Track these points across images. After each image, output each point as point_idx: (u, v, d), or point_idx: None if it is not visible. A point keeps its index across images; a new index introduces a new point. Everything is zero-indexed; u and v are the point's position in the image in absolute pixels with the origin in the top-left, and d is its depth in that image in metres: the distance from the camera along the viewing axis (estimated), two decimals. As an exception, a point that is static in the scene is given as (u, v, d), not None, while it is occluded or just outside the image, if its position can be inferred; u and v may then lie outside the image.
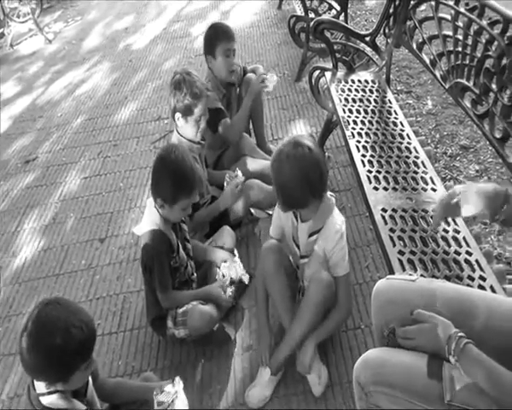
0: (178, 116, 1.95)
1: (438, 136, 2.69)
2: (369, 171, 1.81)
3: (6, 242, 2.61)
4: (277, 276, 1.57)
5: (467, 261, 1.41)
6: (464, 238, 1.48)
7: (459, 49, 1.76)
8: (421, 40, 2.12)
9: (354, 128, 2.07)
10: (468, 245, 1.46)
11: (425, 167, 1.80)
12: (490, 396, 0.87)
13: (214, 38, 2.26)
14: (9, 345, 2.03)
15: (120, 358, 1.85)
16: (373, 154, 1.91)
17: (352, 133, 2.04)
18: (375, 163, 1.85)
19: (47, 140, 3.54)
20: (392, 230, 1.53)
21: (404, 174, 1.78)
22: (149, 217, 1.70)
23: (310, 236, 1.53)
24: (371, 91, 2.35)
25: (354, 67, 2.63)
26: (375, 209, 1.62)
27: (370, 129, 2.06)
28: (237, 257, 1.90)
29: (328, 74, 2.52)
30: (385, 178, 1.77)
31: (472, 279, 1.35)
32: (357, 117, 2.15)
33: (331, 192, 1.59)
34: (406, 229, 1.54)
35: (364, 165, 1.85)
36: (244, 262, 2.11)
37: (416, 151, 1.90)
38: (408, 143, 1.95)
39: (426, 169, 1.79)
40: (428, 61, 2.04)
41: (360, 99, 2.29)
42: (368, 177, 1.78)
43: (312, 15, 3.47)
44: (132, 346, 1.89)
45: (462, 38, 1.72)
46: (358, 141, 1.99)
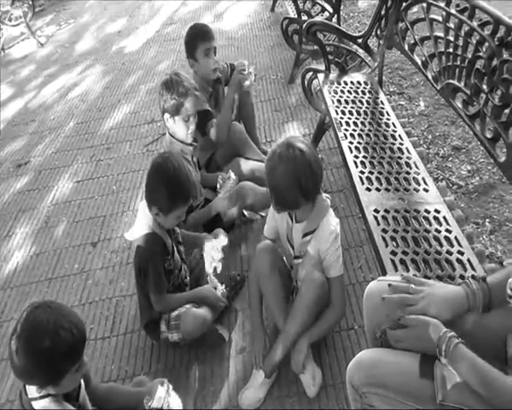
0: (167, 117, 1.95)
1: (430, 137, 2.70)
2: (362, 172, 1.82)
3: (-3, 246, 2.59)
4: (271, 276, 1.57)
5: (459, 261, 1.41)
6: (456, 238, 1.49)
7: (450, 50, 1.77)
8: (412, 41, 2.13)
9: (347, 129, 2.08)
10: (460, 245, 1.47)
11: (417, 168, 1.81)
12: (481, 396, 0.87)
13: (192, 41, 2.27)
14: (1, 350, 2.01)
15: (113, 362, 1.84)
16: (365, 155, 1.91)
17: (345, 134, 2.04)
18: (368, 164, 1.86)
19: (39, 144, 3.52)
20: (384, 230, 1.54)
21: (397, 175, 1.78)
22: (143, 220, 1.69)
23: (304, 236, 1.53)
24: (364, 93, 2.36)
25: (347, 69, 2.64)
26: (368, 210, 1.62)
27: (363, 130, 2.07)
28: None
29: (320, 76, 2.53)
30: (377, 179, 1.77)
31: (464, 279, 1.35)
32: (349, 118, 2.16)
33: (327, 194, 1.59)
34: (398, 229, 1.54)
35: (357, 166, 1.85)
36: (237, 264, 2.12)
37: (409, 152, 1.90)
38: (400, 144, 1.95)
39: (418, 170, 1.80)
40: (420, 63, 2.05)
41: (353, 100, 2.29)
42: (360, 178, 1.78)
43: (305, 17, 3.48)
44: (125, 350, 1.88)
45: (453, 40, 1.73)
46: (351, 142, 2.00)
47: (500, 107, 1.49)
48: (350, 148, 1.96)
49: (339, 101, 2.29)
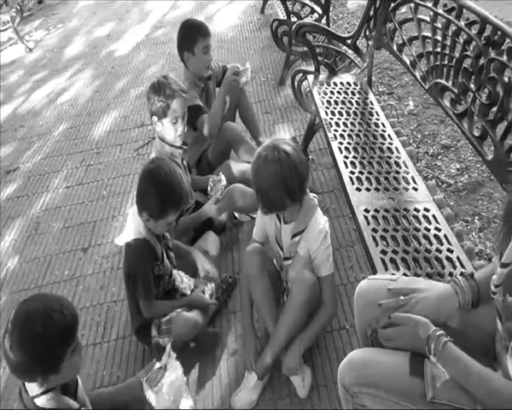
0: (155, 120, 1.94)
1: (419, 136, 2.71)
2: (352, 172, 1.82)
3: (-14, 254, 2.55)
4: (260, 279, 1.56)
5: (448, 259, 1.42)
6: (445, 236, 1.49)
7: (438, 49, 1.78)
8: (401, 42, 2.14)
9: (336, 130, 2.08)
10: (450, 243, 1.47)
11: (406, 167, 1.81)
12: (470, 393, 0.87)
13: (192, 35, 2.25)
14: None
15: (105, 368, 1.82)
16: (355, 155, 1.92)
17: (335, 135, 2.05)
18: (358, 164, 1.86)
19: (28, 150, 3.48)
20: (374, 230, 1.54)
21: (386, 174, 1.79)
22: (133, 225, 1.68)
23: (293, 237, 1.53)
24: (353, 93, 2.37)
25: (336, 70, 2.65)
26: (358, 210, 1.63)
27: (353, 130, 2.07)
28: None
29: (310, 77, 2.53)
30: (367, 178, 1.78)
31: (453, 276, 1.35)
32: (339, 119, 2.16)
33: (314, 193, 1.59)
34: (388, 228, 1.54)
35: (347, 166, 1.85)
36: (228, 267, 2.11)
37: (398, 151, 1.91)
38: (390, 144, 1.96)
39: (407, 169, 1.80)
40: (409, 63, 2.07)
41: (342, 101, 2.30)
42: (350, 178, 1.79)
43: (295, 19, 3.48)
44: (117, 356, 1.86)
45: (440, 39, 1.75)
46: (341, 143, 2.00)
47: (487, 105, 1.50)
48: (340, 148, 1.97)
49: (328, 102, 2.30)
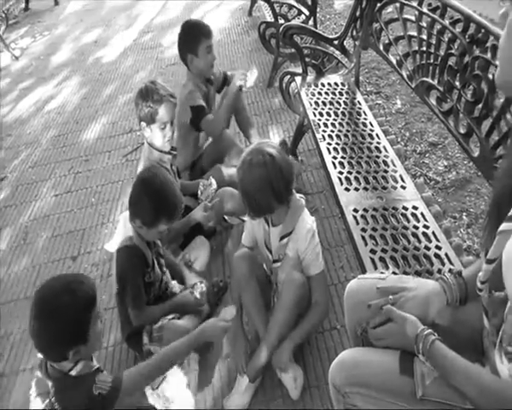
0: (144, 126, 1.92)
1: (407, 134, 2.73)
2: (341, 172, 1.82)
3: (-26, 266, 2.51)
4: (249, 284, 1.56)
5: (436, 256, 1.43)
6: (434, 233, 1.50)
7: (424, 48, 1.79)
8: (387, 41, 2.15)
9: (325, 131, 2.08)
10: (438, 240, 1.48)
11: (394, 166, 1.82)
12: (459, 389, 0.87)
13: (196, 36, 2.24)
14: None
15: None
16: (344, 155, 1.92)
17: (323, 136, 2.05)
18: (346, 164, 1.86)
19: (16, 158, 3.44)
20: (363, 229, 1.54)
21: (375, 174, 1.79)
22: (124, 232, 1.68)
23: (281, 239, 1.53)
24: (341, 94, 2.37)
25: (324, 71, 2.66)
26: (347, 210, 1.63)
27: (341, 131, 2.07)
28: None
29: (298, 79, 2.54)
30: (356, 178, 1.78)
31: (441, 273, 1.36)
32: (327, 120, 2.17)
33: (301, 194, 1.59)
34: (377, 227, 1.55)
35: (335, 167, 1.85)
36: (219, 270, 2.10)
37: (386, 150, 1.91)
38: (377, 143, 1.96)
39: (395, 167, 1.81)
40: (395, 62, 2.08)
41: (330, 102, 2.30)
42: (339, 178, 1.79)
43: (282, 21, 3.49)
44: (108, 364, 1.84)
45: (426, 38, 1.76)
46: (329, 143, 2.00)
47: (472, 103, 1.51)
48: (328, 149, 1.97)
49: (316, 103, 2.30)
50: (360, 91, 2.41)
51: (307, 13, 3.58)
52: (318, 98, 2.33)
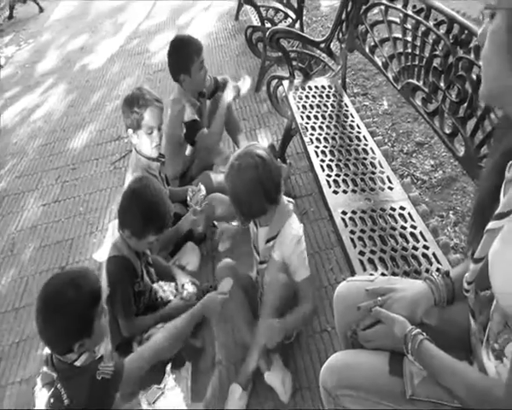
0: (130, 132, 1.91)
1: (394, 134, 2.75)
2: (329, 175, 1.82)
3: (-39, 279, 2.47)
4: (234, 292, 1.56)
5: (424, 255, 1.44)
6: (421, 233, 1.51)
7: (409, 50, 1.81)
8: (373, 44, 2.16)
9: (312, 134, 2.09)
10: (425, 239, 1.49)
11: (382, 167, 1.83)
12: (447, 388, 0.87)
13: (188, 56, 2.18)
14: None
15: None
16: (331, 158, 1.92)
17: (311, 139, 2.05)
18: (334, 167, 1.86)
19: (2, 169, 3.40)
20: (352, 232, 1.55)
21: (362, 176, 1.80)
22: (113, 242, 1.66)
23: (267, 241, 1.53)
24: (328, 97, 2.38)
25: (311, 74, 2.66)
26: (336, 212, 1.63)
27: (328, 134, 2.08)
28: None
29: (285, 83, 2.54)
30: (344, 181, 1.78)
31: (429, 272, 1.38)
32: (315, 123, 2.17)
33: (290, 199, 1.59)
34: (366, 229, 1.55)
35: (323, 170, 1.86)
36: (209, 276, 2.08)
37: (373, 152, 1.92)
38: (365, 145, 1.97)
39: (383, 169, 1.82)
40: (381, 64, 2.09)
41: (317, 105, 2.31)
42: (327, 181, 1.79)
43: (269, 25, 3.50)
44: (99, 375, 1.81)
45: (411, 40, 1.78)
46: (317, 146, 2.00)
47: (457, 103, 1.52)
48: (316, 152, 1.97)
49: (304, 106, 2.30)
50: (347, 93, 2.42)
51: (294, 16, 3.59)
52: (306, 102, 2.34)
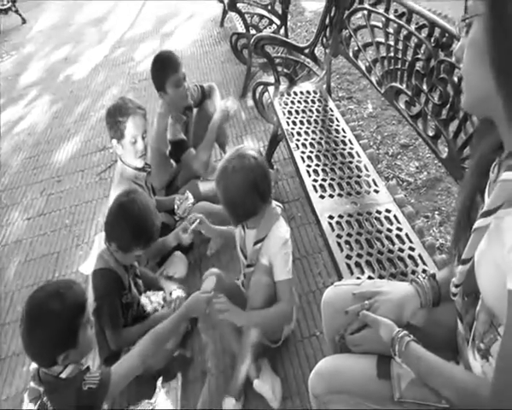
0: (115, 143, 1.88)
1: (379, 137, 2.76)
2: (315, 180, 1.82)
3: None
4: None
5: (410, 257, 1.44)
6: (407, 235, 1.52)
7: (391, 54, 1.83)
8: (356, 48, 2.18)
9: (298, 139, 2.09)
10: (411, 241, 1.50)
11: (367, 170, 1.83)
12: (434, 389, 0.87)
13: (161, 75, 2.17)
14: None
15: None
16: (318, 163, 1.92)
17: (297, 145, 2.05)
18: (320, 172, 1.87)
19: (-15, 183, 3.34)
20: (339, 236, 1.55)
21: (348, 179, 1.80)
22: (99, 254, 1.65)
23: (255, 244, 1.52)
24: (313, 102, 2.39)
25: (296, 80, 2.67)
26: (322, 217, 1.63)
27: (314, 139, 2.08)
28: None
29: (271, 89, 2.54)
30: (330, 185, 1.79)
31: (415, 273, 1.38)
32: (300, 128, 2.17)
33: (278, 203, 1.58)
34: (352, 233, 1.55)
35: (310, 175, 1.86)
36: (197, 285, 2.04)
37: (359, 155, 1.93)
38: (350, 149, 1.98)
39: (368, 172, 1.82)
40: (364, 68, 2.11)
41: (303, 110, 2.31)
42: (314, 186, 1.79)
43: (254, 31, 3.51)
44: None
45: (393, 44, 1.80)
46: (303, 152, 2.00)
47: (439, 105, 1.54)
48: (302, 157, 1.97)
49: (289, 112, 2.30)
50: (332, 98, 2.43)
51: (278, 22, 3.61)
52: (291, 107, 2.34)
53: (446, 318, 0.99)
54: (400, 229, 1.54)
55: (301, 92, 2.48)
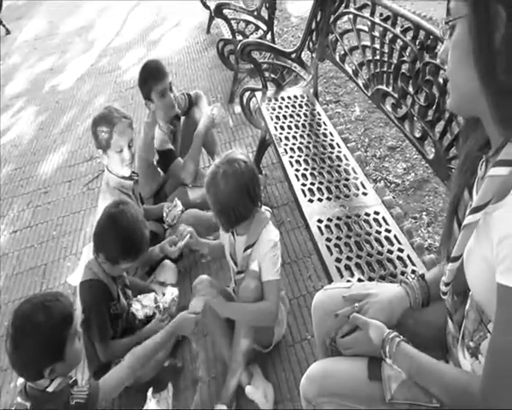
0: (101, 153, 1.86)
1: (367, 140, 2.78)
2: (304, 184, 1.82)
3: None
4: (211, 312, 1.54)
5: (399, 258, 1.45)
6: (395, 236, 1.52)
7: (377, 57, 1.85)
8: (343, 52, 2.19)
9: (286, 144, 2.08)
10: (400, 242, 1.50)
11: (355, 173, 1.83)
12: (425, 388, 0.87)
13: (146, 84, 2.16)
14: None
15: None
16: (306, 167, 1.92)
17: (285, 149, 2.05)
18: (309, 176, 1.86)
19: (-30, 196, 3.28)
20: (328, 239, 1.54)
21: (337, 183, 1.80)
22: (87, 265, 1.62)
23: (245, 250, 1.51)
24: (301, 106, 2.39)
25: (283, 85, 2.67)
26: (312, 221, 1.63)
27: (302, 143, 2.08)
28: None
29: (258, 94, 2.54)
30: (319, 189, 1.78)
31: (404, 275, 1.39)
32: (288, 133, 2.17)
33: (267, 207, 1.58)
34: (341, 236, 1.55)
35: (298, 179, 1.85)
36: (187, 294, 2.02)
37: (346, 159, 1.93)
38: (338, 152, 1.98)
39: (356, 175, 1.82)
40: (351, 72, 2.12)
41: (291, 115, 2.31)
42: (302, 190, 1.79)
43: (240, 37, 3.51)
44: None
45: (379, 47, 1.81)
46: (291, 156, 2.00)
47: (425, 107, 1.55)
48: (291, 162, 1.96)
49: (277, 117, 2.30)
50: (319, 102, 2.44)
51: (265, 28, 3.63)
52: (279, 112, 2.34)
53: (435, 318, 1.00)
54: (389, 231, 1.55)
55: (288, 97, 2.48)
